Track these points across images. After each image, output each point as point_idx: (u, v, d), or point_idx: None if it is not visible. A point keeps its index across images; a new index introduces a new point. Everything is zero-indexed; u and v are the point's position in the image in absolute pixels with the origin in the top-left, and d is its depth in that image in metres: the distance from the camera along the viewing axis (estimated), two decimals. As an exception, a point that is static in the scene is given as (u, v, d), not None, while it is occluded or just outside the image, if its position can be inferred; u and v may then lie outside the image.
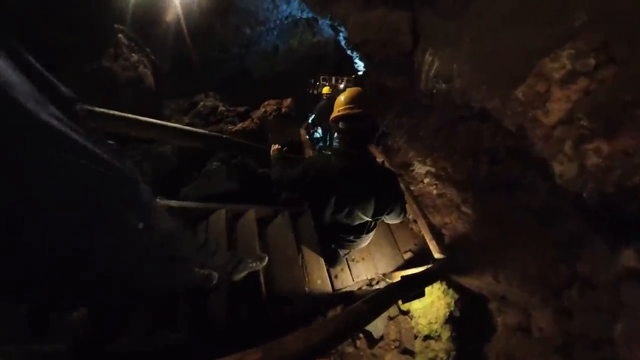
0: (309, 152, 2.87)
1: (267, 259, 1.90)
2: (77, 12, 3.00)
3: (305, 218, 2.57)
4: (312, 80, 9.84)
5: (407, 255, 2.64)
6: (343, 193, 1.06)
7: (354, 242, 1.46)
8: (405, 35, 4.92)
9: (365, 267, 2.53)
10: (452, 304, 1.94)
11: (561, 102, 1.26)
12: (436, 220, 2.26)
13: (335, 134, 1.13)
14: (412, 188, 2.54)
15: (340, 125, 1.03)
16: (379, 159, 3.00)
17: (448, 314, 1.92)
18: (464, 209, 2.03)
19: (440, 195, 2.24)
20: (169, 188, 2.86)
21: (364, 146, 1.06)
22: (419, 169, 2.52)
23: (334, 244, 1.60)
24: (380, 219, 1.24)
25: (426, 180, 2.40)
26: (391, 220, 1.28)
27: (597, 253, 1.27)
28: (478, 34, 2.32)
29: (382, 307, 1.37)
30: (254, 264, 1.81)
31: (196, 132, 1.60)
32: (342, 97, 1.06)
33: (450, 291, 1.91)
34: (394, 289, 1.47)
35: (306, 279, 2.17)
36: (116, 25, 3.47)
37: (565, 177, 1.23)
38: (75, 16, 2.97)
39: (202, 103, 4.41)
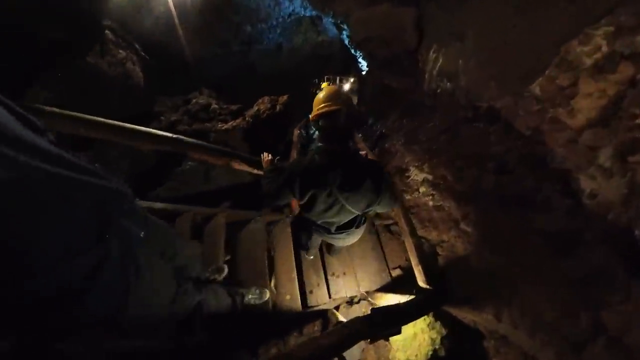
0: (293, 155, 2.60)
1: (226, 271, 1.67)
2: (68, 8, 2.86)
3: (282, 225, 2.30)
4: (316, 79, 9.63)
5: (396, 273, 2.32)
6: (330, 189, 1.04)
7: (344, 238, 1.40)
8: (409, 32, 4.65)
9: (346, 283, 2.24)
10: (438, 340, 1.62)
11: (593, 97, 0.95)
12: (432, 236, 1.94)
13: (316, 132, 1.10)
14: (406, 197, 2.22)
15: (320, 123, 1.04)
16: (362, 151, 2.88)
17: (432, 352, 1.60)
18: (463, 226, 1.71)
19: (437, 208, 1.93)
20: (146, 187, 2.65)
21: (345, 141, 1.04)
22: (415, 175, 2.21)
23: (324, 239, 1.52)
24: (370, 210, 1.19)
25: (422, 190, 2.09)
26: (383, 209, 1.24)
27: (630, 299, 0.94)
28: (485, 25, 2.00)
29: (343, 346, 1.10)
30: (212, 276, 1.60)
31: (156, 135, 1.36)
32: (320, 96, 1.07)
33: (437, 325, 1.60)
34: (359, 325, 1.18)
35: (274, 293, 1.91)
36: (104, 22, 3.33)
37: (601, 198, 0.92)
38: (66, 12, 2.83)
39: (194, 100, 4.22)
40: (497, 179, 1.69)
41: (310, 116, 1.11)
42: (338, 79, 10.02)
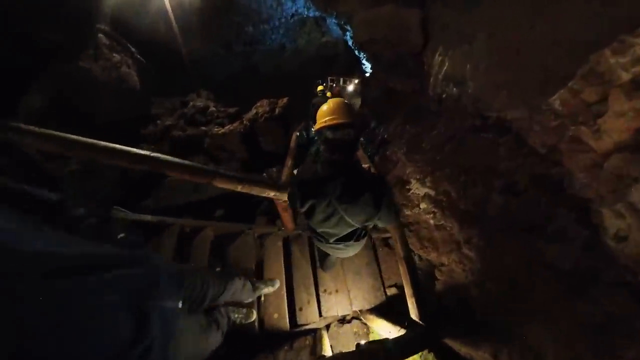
0: (288, 163, 2.47)
1: (254, 316, 1.63)
2: (63, 9, 2.80)
3: (274, 238, 2.17)
4: (320, 80, 9.53)
5: (392, 291, 2.16)
6: (329, 200, 1.05)
7: (343, 250, 1.37)
8: (415, 33, 4.48)
9: (339, 300, 2.09)
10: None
11: (626, 117, 0.79)
12: (431, 257, 1.79)
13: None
14: (405, 212, 2.06)
15: (326, 135, 1.02)
16: (365, 164, 2.81)
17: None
18: (466, 250, 1.55)
19: (438, 227, 1.77)
20: (137, 197, 2.56)
21: (349, 154, 1.05)
22: (417, 189, 2.05)
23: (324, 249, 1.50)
24: (370, 224, 1.19)
25: (423, 206, 1.93)
26: (383, 224, 1.24)
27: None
28: (498, 25, 1.82)
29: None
30: (240, 320, 1.57)
31: (131, 153, 1.22)
32: (324, 108, 1.06)
33: (430, 356, 1.43)
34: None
35: (261, 311, 1.79)
36: (98, 25, 3.26)
37: (630, 246, 0.75)
38: (61, 13, 2.77)
39: (191, 103, 4.13)
40: (506, 200, 1.52)
41: (314, 127, 1.18)
42: (342, 80, 9.87)
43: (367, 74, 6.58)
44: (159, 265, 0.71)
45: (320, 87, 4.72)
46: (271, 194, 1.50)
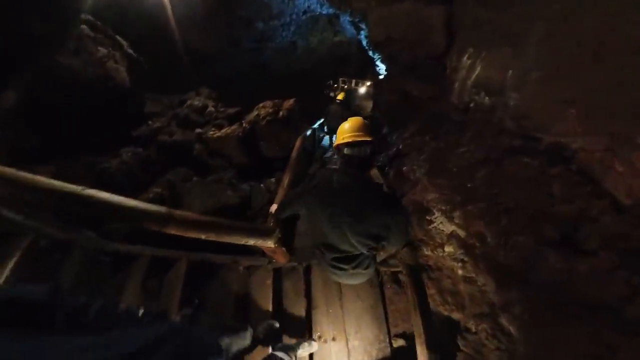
0: (286, 179, 2.11)
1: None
2: (52, 2, 2.53)
3: (262, 273, 1.82)
4: (331, 81, 9.22)
5: (399, 343, 1.78)
6: (334, 210, 1.05)
7: (341, 276, 1.29)
8: (438, 33, 4.11)
9: (335, 351, 1.74)
10: None
11: None
12: (454, 316, 1.39)
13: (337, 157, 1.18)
14: (424, 252, 1.66)
15: (346, 151, 1.07)
16: (379, 180, 2.81)
17: None
18: (503, 320, 1.15)
19: (467, 280, 1.37)
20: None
21: (365, 170, 1.11)
22: (441, 224, 1.64)
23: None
24: (374, 247, 1.13)
25: (449, 249, 1.52)
26: (393, 248, 1.25)
27: None
28: (560, 22, 1.39)
29: None
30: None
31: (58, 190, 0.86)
32: (346, 126, 1.12)
33: None
34: None
35: None
36: (81, 16, 2.96)
37: None
38: (49, 5, 2.51)
39: (188, 102, 3.83)
40: (564, 260, 1.11)
41: (335, 143, 1.15)
42: (354, 82, 9.50)
43: (381, 77, 6.16)
44: (202, 335, 0.71)
45: (340, 96, 4.43)
46: (251, 241, 1.16)
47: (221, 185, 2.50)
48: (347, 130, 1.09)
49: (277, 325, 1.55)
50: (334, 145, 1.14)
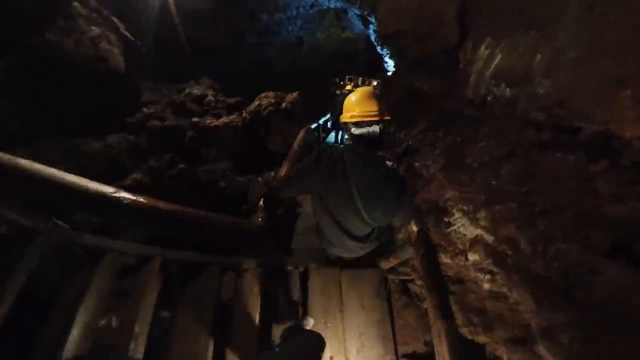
0: (282, 171, 1.90)
1: None
2: None
3: (249, 278, 1.61)
4: (337, 79, 9.05)
5: None
6: (353, 187, 1.00)
7: (343, 245, 1.22)
8: (450, 26, 3.92)
9: None
10: None
11: None
12: (480, 340, 1.16)
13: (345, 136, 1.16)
14: (443, 259, 1.43)
15: (353, 131, 0.98)
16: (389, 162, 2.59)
17: None
18: (543, 350, 0.92)
19: (495, 296, 1.14)
20: None
21: (375, 149, 1.01)
22: (462, 226, 1.41)
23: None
24: (384, 221, 1.10)
25: (473, 257, 1.28)
26: (401, 221, 1.16)
27: None
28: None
29: None
30: None
31: None
32: (352, 98, 1.00)
33: None
34: None
35: None
36: None
37: None
38: None
39: (187, 90, 3.65)
40: (624, 275, 0.88)
41: (341, 119, 1.04)
42: (360, 80, 9.28)
43: (389, 73, 5.96)
44: None
45: (348, 87, 4.25)
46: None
47: (213, 176, 2.30)
48: (354, 105, 0.98)
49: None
50: (340, 119, 1.04)
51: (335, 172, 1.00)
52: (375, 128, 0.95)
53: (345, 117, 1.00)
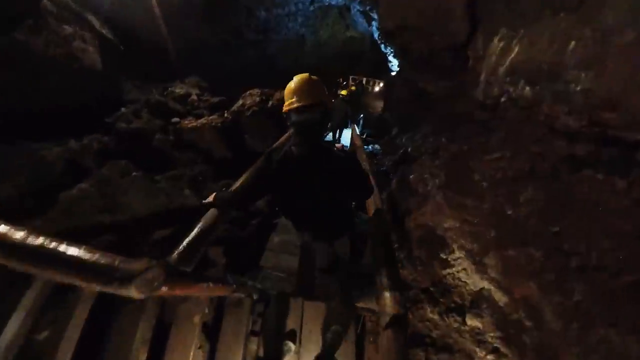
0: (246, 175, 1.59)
1: None
2: None
3: (191, 306, 1.25)
4: (341, 79, 8.73)
5: None
6: (307, 180, 1.01)
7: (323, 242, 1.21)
8: (458, 19, 3.49)
9: None
10: None
11: None
12: None
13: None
14: (427, 313, 1.03)
15: (293, 118, 0.96)
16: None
17: None
18: None
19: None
20: (44, 204, 1.80)
21: (318, 137, 1.02)
22: (463, 271, 1.00)
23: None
24: (341, 194, 1.09)
25: (472, 322, 0.89)
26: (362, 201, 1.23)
27: None
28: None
29: None
30: None
31: None
32: (291, 86, 0.98)
33: None
34: None
35: None
36: None
37: None
38: None
39: (169, 89, 3.38)
40: None
41: (283, 109, 1.01)
42: (364, 80, 8.95)
43: (393, 73, 5.57)
44: None
45: (344, 92, 3.92)
46: (97, 287, 0.61)
47: (176, 183, 1.99)
48: (290, 92, 0.95)
49: None
50: (283, 111, 1.02)
51: (287, 166, 1.00)
52: (315, 114, 0.93)
53: (285, 106, 0.96)
